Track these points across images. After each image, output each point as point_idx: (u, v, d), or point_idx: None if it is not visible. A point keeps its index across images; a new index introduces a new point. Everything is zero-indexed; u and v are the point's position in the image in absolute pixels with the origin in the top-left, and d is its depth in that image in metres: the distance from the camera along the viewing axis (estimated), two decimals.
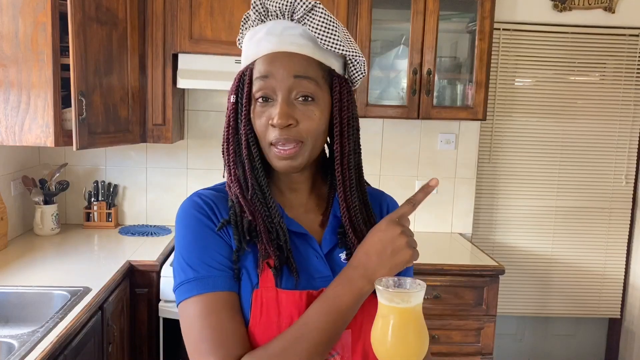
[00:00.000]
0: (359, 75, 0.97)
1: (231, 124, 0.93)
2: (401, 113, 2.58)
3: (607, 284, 3.17)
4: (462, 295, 2.41)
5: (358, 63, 0.95)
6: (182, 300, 0.86)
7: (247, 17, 0.96)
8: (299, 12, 0.89)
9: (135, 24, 2.35)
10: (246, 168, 0.91)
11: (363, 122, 2.84)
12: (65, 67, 2.04)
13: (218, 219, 0.91)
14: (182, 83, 2.42)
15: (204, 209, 0.91)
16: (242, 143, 0.92)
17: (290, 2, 0.89)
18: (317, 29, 0.88)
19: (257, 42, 0.91)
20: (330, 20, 0.89)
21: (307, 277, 0.90)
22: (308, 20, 0.89)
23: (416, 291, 0.76)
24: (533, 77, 3.02)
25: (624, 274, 3.18)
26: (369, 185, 1.03)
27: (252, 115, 0.91)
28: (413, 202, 0.87)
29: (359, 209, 0.94)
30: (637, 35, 2.96)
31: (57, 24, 2.02)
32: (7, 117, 2.04)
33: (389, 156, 2.93)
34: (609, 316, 3.23)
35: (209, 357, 0.81)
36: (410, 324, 0.76)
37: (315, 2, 0.89)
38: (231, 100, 0.93)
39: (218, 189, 0.97)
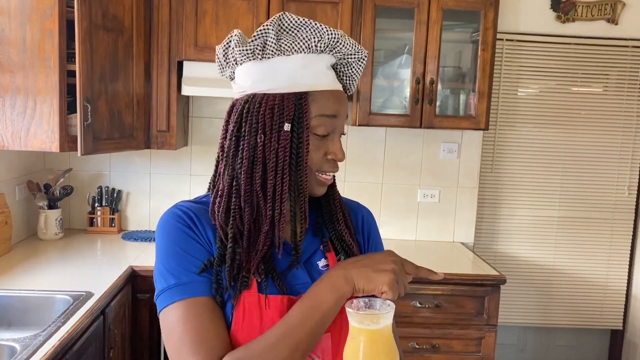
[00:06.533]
0: None
1: (292, 153, 0.90)
2: (404, 122, 2.59)
3: (609, 295, 3.16)
4: (463, 305, 2.40)
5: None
6: (164, 308, 0.88)
7: (272, 23, 0.92)
8: (357, 55, 0.98)
9: (141, 31, 2.37)
10: (296, 196, 0.92)
11: (366, 131, 2.86)
12: (72, 74, 2.06)
13: (198, 228, 0.93)
14: (186, 90, 2.44)
15: (184, 218, 0.93)
16: (301, 174, 0.91)
17: (358, 49, 0.97)
18: (355, 74, 1.01)
19: (317, 73, 0.93)
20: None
21: (288, 284, 0.93)
22: (354, 63, 0.99)
23: (385, 312, 0.79)
24: (536, 87, 3.03)
25: (626, 285, 3.17)
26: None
27: (307, 147, 0.91)
28: (416, 269, 0.89)
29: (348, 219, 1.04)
30: (639, 47, 2.98)
31: (64, 31, 2.05)
32: (13, 122, 2.06)
33: (392, 165, 2.94)
34: (611, 327, 3.22)
35: (190, 359, 0.83)
36: (379, 344, 0.78)
37: (366, 52, 0.99)
38: (285, 129, 0.90)
39: (198, 202, 0.98)
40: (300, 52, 0.92)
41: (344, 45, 0.95)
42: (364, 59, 0.99)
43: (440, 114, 2.65)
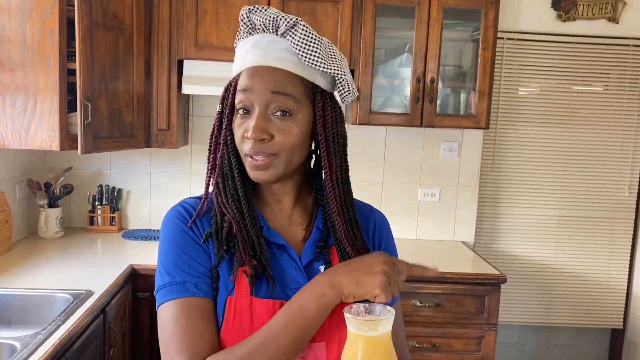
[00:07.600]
0: (345, 92, 0.97)
1: (215, 132, 0.95)
2: (404, 121, 2.59)
3: (609, 294, 3.16)
4: (463, 304, 2.40)
5: (343, 81, 0.94)
6: (160, 304, 0.89)
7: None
8: (282, 28, 0.90)
9: (141, 30, 2.37)
10: (226, 176, 0.94)
11: (367, 129, 2.87)
12: (72, 72, 2.06)
13: (199, 227, 0.93)
14: (186, 89, 2.44)
15: (185, 217, 0.94)
16: (224, 152, 0.94)
17: (274, 18, 0.89)
18: (298, 45, 0.89)
19: (244, 54, 0.93)
20: (312, 37, 0.89)
21: (283, 287, 0.92)
22: (290, 36, 0.90)
23: (384, 319, 0.77)
24: (536, 86, 3.02)
25: (626, 284, 3.17)
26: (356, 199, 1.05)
27: (233, 125, 0.93)
28: (409, 267, 0.88)
29: (351, 224, 0.96)
30: None
31: (64, 30, 2.05)
32: (14, 121, 2.06)
33: (392, 164, 2.94)
34: (611, 326, 3.22)
35: (175, 358, 0.83)
36: (378, 352, 0.76)
37: (298, 19, 0.89)
38: (217, 110, 0.95)
39: (203, 198, 0.98)
40: (240, 41, 0.97)
41: (256, 19, 0.91)
42: (296, 25, 0.89)
43: (441, 112, 2.64)
